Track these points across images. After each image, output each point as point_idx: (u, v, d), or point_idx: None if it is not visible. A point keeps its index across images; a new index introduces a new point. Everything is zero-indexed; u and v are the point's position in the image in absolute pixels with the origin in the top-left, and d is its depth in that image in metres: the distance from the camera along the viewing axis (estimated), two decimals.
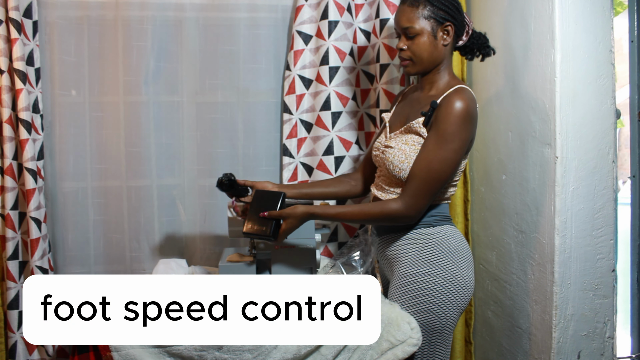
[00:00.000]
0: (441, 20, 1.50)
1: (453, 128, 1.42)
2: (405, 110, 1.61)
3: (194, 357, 1.36)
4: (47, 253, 1.89)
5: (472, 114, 1.45)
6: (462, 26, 1.55)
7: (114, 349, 1.35)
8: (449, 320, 1.47)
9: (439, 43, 1.52)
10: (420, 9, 1.50)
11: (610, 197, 1.64)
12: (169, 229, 2.05)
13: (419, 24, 1.50)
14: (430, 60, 1.53)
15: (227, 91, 2.06)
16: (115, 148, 1.99)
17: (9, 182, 1.81)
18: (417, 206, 1.46)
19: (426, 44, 1.51)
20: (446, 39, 1.52)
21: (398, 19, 1.54)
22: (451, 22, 1.51)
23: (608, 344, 1.67)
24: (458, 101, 1.43)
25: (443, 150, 1.43)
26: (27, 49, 1.84)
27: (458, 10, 1.53)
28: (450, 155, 1.44)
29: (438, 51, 1.52)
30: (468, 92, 1.48)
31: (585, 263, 1.63)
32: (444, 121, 1.43)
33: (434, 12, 1.50)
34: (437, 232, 1.51)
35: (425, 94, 1.57)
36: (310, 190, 1.73)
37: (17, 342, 1.85)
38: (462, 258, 1.50)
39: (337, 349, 1.39)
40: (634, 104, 1.82)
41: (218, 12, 2.04)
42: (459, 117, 1.42)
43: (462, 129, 1.43)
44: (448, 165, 1.45)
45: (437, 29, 1.51)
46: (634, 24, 1.79)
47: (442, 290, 1.46)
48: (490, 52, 1.62)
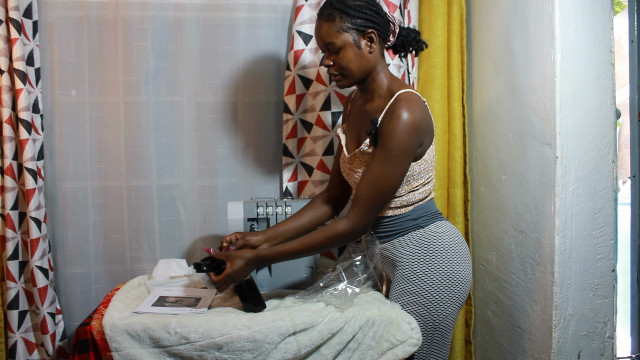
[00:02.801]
0: (362, 29, 1.44)
1: (398, 143, 1.38)
2: (356, 126, 1.58)
3: (194, 357, 1.36)
4: (47, 253, 1.89)
5: (418, 123, 1.39)
6: (386, 27, 1.49)
7: (114, 349, 1.35)
8: (449, 317, 1.48)
9: (365, 52, 1.46)
10: (338, 22, 1.43)
11: (610, 197, 1.64)
12: (169, 229, 2.05)
13: (340, 38, 1.44)
14: (360, 70, 1.47)
15: (227, 91, 2.06)
16: (115, 148, 1.99)
17: (9, 182, 1.81)
18: (364, 222, 1.44)
19: (351, 56, 1.45)
20: (372, 46, 1.46)
21: (318, 36, 1.48)
22: (373, 28, 1.45)
23: (608, 344, 1.67)
24: (401, 113, 1.37)
25: (389, 166, 1.40)
26: (27, 49, 1.84)
27: (377, 13, 1.46)
28: (397, 169, 1.41)
29: (366, 60, 1.46)
30: (412, 97, 1.42)
31: (585, 263, 1.63)
32: (388, 137, 1.39)
33: (351, 22, 1.43)
34: (428, 231, 1.51)
35: (371, 106, 1.52)
36: (293, 228, 1.62)
37: (17, 342, 1.85)
38: (456, 253, 1.50)
39: (337, 349, 1.40)
40: (634, 104, 1.82)
41: (218, 12, 2.04)
42: (402, 132, 1.37)
43: (408, 141, 1.38)
44: (394, 179, 1.42)
45: (359, 38, 1.44)
46: (633, 24, 1.79)
47: (440, 288, 1.46)
48: (422, 46, 1.56)
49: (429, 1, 2.00)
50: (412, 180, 1.48)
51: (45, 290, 1.84)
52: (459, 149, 2.02)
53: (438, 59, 1.99)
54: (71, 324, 1.98)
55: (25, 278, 1.87)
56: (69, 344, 1.95)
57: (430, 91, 2.00)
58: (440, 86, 2.00)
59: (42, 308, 1.83)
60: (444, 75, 2.01)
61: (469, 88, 2.06)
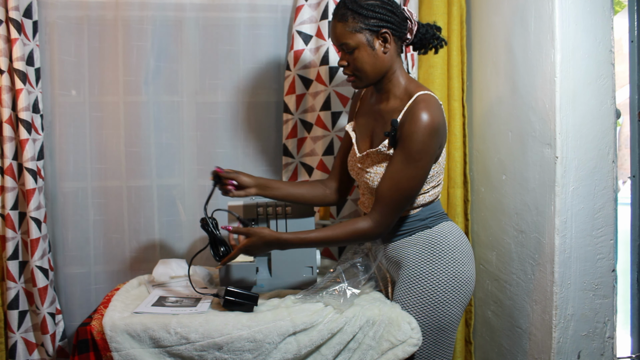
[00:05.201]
0: (375, 29, 1.41)
1: (419, 147, 1.37)
2: (369, 124, 1.56)
3: (194, 357, 1.36)
4: (47, 253, 1.89)
5: (438, 126, 1.38)
6: (402, 26, 1.45)
7: (114, 349, 1.35)
8: (454, 317, 1.48)
9: (379, 52, 1.43)
10: (351, 23, 1.41)
11: (610, 197, 1.64)
12: (169, 229, 2.05)
13: (353, 38, 1.41)
14: (375, 71, 1.45)
15: (227, 91, 2.06)
16: (115, 148, 1.99)
17: (9, 182, 1.81)
18: (387, 223, 1.44)
19: (365, 57, 1.43)
20: (386, 47, 1.43)
21: (332, 36, 1.47)
22: (386, 28, 1.42)
23: (608, 344, 1.67)
24: (422, 115, 1.36)
25: (411, 169, 1.39)
26: (27, 49, 1.84)
27: (391, 12, 1.43)
28: (419, 172, 1.41)
29: (380, 61, 1.44)
30: (430, 99, 1.41)
31: (585, 263, 1.63)
32: (409, 139, 1.37)
33: (365, 22, 1.40)
34: (435, 232, 1.51)
35: (386, 106, 1.51)
36: (286, 190, 1.64)
37: (17, 342, 1.85)
38: (462, 253, 1.50)
39: (337, 349, 1.40)
40: (634, 104, 1.82)
41: (218, 12, 2.04)
42: (424, 134, 1.36)
43: (429, 144, 1.38)
44: (417, 181, 1.42)
45: (372, 39, 1.42)
46: (634, 23, 1.79)
47: (445, 288, 1.46)
48: (442, 43, 1.54)
49: (429, 1, 2.00)
50: (425, 183, 1.48)
51: (45, 290, 1.84)
52: (459, 149, 2.02)
53: (438, 59, 1.99)
54: (71, 324, 1.99)
55: (25, 278, 1.87)
56: (69, 344, 1.95)
57: None
58: (440, 86, 2.00)
59: (42, 308, 1.83)
60: (444, 75, 2.01)
61: (469, 88, 2.06)
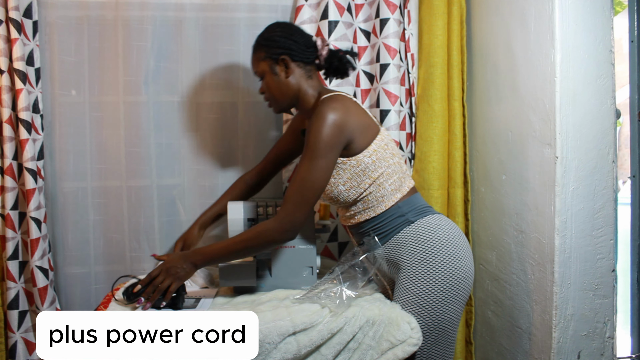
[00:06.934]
0: (275, 56, 1.54)
1: (316, 137, 1.43)
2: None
3: None
4: (47, 253, 1.89)
5: (336, 116, 1.43)
6: (305, 51, 1.56)
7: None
8: (453, 316, 1.48)
9: (282, 77, 1.55)
10: (258, 53, 1.57)
11: (610, 197, 1.64)
12: (169, 229, 2.05)
13: (259, 66, 1.58)
14: (282, 95, 1.57)
15: (227, 91, 2.06)
16: (115, 148, 1.99)
17: (9, 182, 1.81)
18: (289, 219, 1.45)
19: (271, 82, 1.57)
20: (288, 71, 1.55)
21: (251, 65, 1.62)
22: (284, 54, 1.53)
23: (608, 344, 1.68)
24: (319, 111, 1.44)
25: (311, 161, 1.43)
26: (27, 49, 1.84)
27: (291, 40, 1.55)
28: (319, 163, 1.43)
29: (284, 85, 1.56)
30: (332, 97, 1.49)
31: (585, 263, 1.63)
32: (308, 134, 1.45)
33: (267, 51, 1.55)
34: (420, 226, 1.50)
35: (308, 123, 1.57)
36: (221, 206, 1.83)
37: (17, 342, 1.85)
38: (455, 247, 1.49)
39: (337, 349, 1.40)
40: (634, 104, 1.82)
41: (218, 12, 2.04)
42: (320, 125, 1.42)
43: (328, 134, 1.42)
44: (318, 171, 1.44)
45: (274, 65, 1.55)
46: (634, 24, 1.79)
47: (443, 287, 1.46)
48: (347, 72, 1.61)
49: (429, 1, 2.00)
50: (369, 172, 1.50)
51: (45, 290, 1.84)
52: (459, 149, 2.02)
53: (438, 59, 1.99)
54: None
55: (25, 278, 1.87)
56: None
57: (430, 91, 2.00)
58: (440, 86, 2.00)
59: (42, 308, 1.83)
60: (444, 75, 2.01)
61: (469, 88, 2.06)
